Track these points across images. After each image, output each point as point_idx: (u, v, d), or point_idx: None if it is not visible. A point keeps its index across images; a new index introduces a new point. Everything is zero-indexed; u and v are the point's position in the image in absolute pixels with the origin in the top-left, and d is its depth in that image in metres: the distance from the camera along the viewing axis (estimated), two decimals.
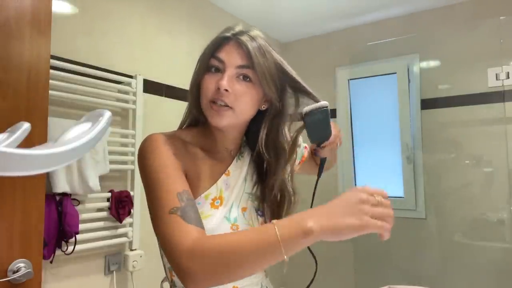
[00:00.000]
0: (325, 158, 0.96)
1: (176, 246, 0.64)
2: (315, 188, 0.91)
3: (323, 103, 0.81)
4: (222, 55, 0.78)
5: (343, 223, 0.57)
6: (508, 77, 2.11)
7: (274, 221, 0.61)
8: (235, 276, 0.62)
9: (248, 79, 0.79)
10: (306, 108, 0.82)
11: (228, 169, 0.86)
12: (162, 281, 0.91)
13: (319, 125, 0.84)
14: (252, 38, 0.79)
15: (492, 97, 2.16)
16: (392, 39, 2.47)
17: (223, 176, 0.85)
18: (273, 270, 0.92)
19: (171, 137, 0.79)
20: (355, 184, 2.63)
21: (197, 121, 0.88)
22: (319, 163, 0.97)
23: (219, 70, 0.78)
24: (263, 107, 0.84)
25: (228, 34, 0.79)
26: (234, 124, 0.82)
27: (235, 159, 0.89)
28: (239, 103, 0.78)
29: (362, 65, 2.64)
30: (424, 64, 2.42)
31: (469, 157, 2.29)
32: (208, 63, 0.79)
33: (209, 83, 0.78)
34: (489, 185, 2.21)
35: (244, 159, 0.90)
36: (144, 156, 0.75)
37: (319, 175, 0.94)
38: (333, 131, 0.89)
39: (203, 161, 0.83)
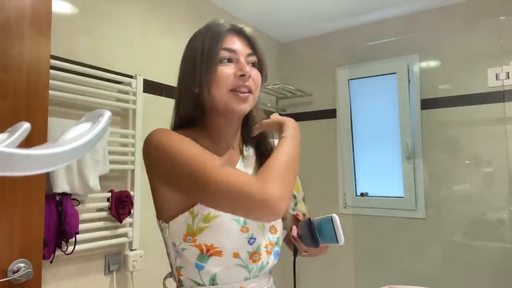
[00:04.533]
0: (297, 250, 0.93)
1: (248, 184, 0.66)
2: (294, 267, 0.95)
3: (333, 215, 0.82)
4: (233, 46, 0.81)
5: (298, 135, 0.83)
6: (508, 77, 2.11)
7: (283, 134, 0.79)
8: (294, 177, 0.74)
9: (255, 66, 0.84)
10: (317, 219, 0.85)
11: (235, 167, 0.86)
12: (165, 278, 0.90)
13: (310, 234, 0.85)
14: (246, 27, 0.84)
15: (492, 97, 2.16)
16: (392, 39, 2.47)
17: None
18: (273, 270, 0.92)
19: (178, 132, 0.80)
20: (355, 184, 2.63)
21: (187, 122, 0.87)
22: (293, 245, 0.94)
23: (231, 61, 0.80)
24: None
25: (228, 26, 0.82)
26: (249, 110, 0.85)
27: (240, 160, 0.88)
28: (257, 88, 0.84)
29: (362, 65, 2.64)
30: (424, 64, 2.42)
31: (469, 157, 2.29)
32: (218, 56, 0.79)
33: (227, 72, 0.79)
34: (489, 185, 2.21)
35: (249, 160, 0.90)
36: (163, 141, 0.74)
37: (295, 255, 0.95)
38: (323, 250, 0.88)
39: None
